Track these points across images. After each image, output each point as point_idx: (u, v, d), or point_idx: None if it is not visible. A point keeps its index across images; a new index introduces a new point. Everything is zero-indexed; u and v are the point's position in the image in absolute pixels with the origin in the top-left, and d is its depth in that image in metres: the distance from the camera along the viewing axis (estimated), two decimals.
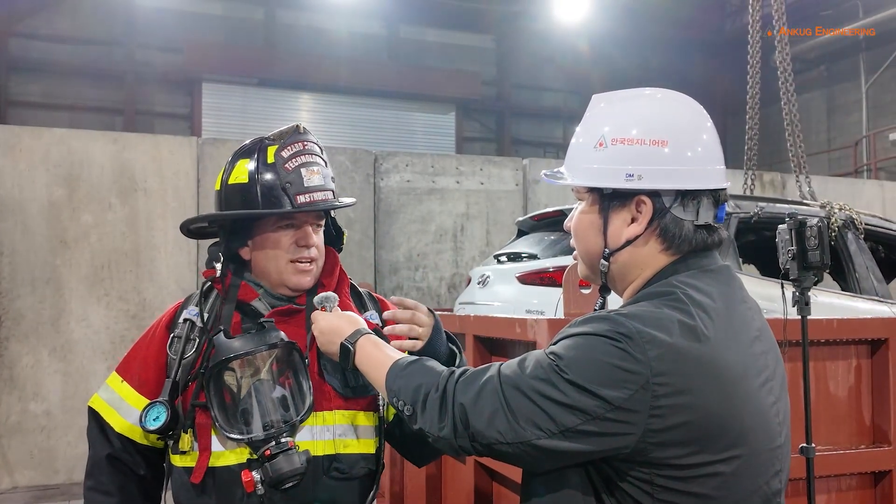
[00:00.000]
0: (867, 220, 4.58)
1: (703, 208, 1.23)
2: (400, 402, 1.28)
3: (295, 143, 1.60)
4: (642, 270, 1.26)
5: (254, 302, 1.61)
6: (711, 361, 1.12)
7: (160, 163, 6.06)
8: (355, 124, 15.25)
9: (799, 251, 2.55)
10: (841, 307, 4.05)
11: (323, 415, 1.56)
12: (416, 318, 1.57)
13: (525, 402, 1.13)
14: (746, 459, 1.13)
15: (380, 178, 6.78)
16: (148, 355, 1.64)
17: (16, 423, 5.56)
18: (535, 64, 17.32)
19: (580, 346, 1.13)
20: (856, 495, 2.80)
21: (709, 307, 1.16)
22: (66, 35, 13.73)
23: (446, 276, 6.91)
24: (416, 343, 1.55)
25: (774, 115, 6.70)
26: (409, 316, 1.57)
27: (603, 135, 1.25)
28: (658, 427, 1.08)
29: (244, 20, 15.15)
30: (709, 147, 1.25)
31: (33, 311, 5.65)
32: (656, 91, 1.31)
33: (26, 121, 12.63)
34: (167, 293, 5.94)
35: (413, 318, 1.56)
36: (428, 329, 1.57)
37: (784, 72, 5.61)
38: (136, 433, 1.61)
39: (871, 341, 2.87)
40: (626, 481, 1.13)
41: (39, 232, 5.71)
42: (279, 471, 1.44)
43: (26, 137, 5.77)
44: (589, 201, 1.29)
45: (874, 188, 8.96)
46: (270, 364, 1.53)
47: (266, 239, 1.60)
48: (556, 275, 3.97)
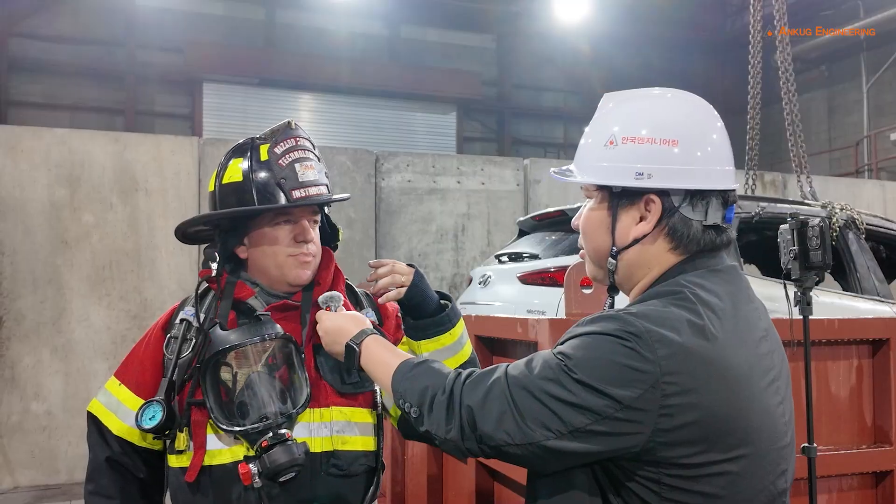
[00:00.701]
0: (868, 220, 4.59)
1: (712, 208, 1.23)
2: (406, 403, 1.27)
3: (287, 140, 1.60)
4: (650, 269, 1.26)
5: (250, 300, 1.61)
6: (719, 361, 1.12)
7: (161, 163, 6.06)
8: (356, 124, 15.26)
9: (801, 251, 2.56)
10: (842, 307, 4.06)
11: (320, 411, 1.56)
12: (395, 268, 1.60)
13: (533, 402, 1.12)
14: (753, 459, 1.13)
15: (381, 178, 6.78)
16: (145, 357, 1.64)
17: (17, 423, 5.57)
18: (536, 64, 17.33)
19: (589, 346, 1.12)
20: (857, 495, 2.81)
21: (716, 307, 1.16)
22: (67, 35, 13.74)
23: (447, 276, 6.91)
24: (401, 290, 1.57)
25: (775, 115, 6.70)
26: (388, 269, 1.59)
27: (613, 133, 1.24)
28: (667, 426, 1.08)
29: (245, 20, 15.16)
30: (718, 147, 1.25)
31: (34, 311, 5.65)
32: (666, 90, 1.30)
33: (27, 121, 12.63)
34: (168, 293, 5.95)
35: (393, 270, 1.59)
36: (409, 276, 1.59)
37: (785, 72, 5.61)
38: (134, 435, 1.61)
39: (872, 341, 2.87)
40: (634, 481, 1.12)
41: (41, 232, 5.72)
42: (276, 462, 1.43)
43: (27, 138, 5.77)
44: (598, 199, 1.29)
45: (875, 188, 8.96)
46: (266, 357, 1.52)
47: (263, 236, 1.60)
48: (557, 275, 3.97)
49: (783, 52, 5.61)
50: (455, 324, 1.64)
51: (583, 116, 17.56)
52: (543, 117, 17.71)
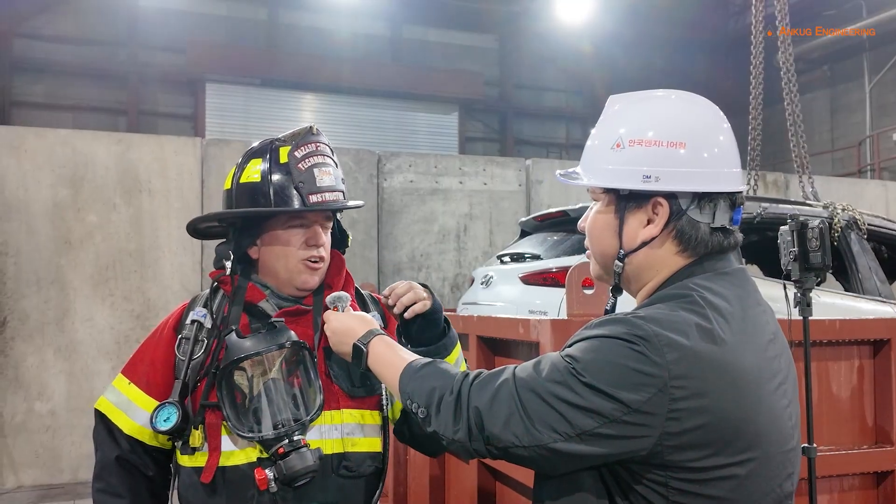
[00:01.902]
0: (870, 220, 4.59)
1: (720, 211, 1.23)
2: (414, 404, 1.27)
3: (308, 144, 1.61)
4: (657, 272, 1.25)
5: (261, 303, 1.62)
6: (728, 364, 1.12)
7: (164, 163, 6.07)
8: (358, 124, 15.26)
9: (801, 253, 2.56)
10: (844, 307, 4.06)
11: (331, 414, 1.58)
12: (413, 286, 1.60)
13: (541, 405, 1.12)
14: (760, 462, 1.13)
15: (383, 178, 6.80)
16: (155, 357, 1.64)
17: (21, 423, 5.59)
18: (538, 64, 17.34)
19: (597, 349, 1.12)
20: (858, 495, 2.81)
21: (724, 310, 1.16)
22: (70, 35, 13.77)
23: (449, 276, 6.92)
24: (426, 302, 1.58)
25: (777, 115, 6.69)
26: (406, 286, 1.60)
27: (620, 136, 1.24)
28: (675, 430, 1.08)
29: (247, 20, 15.18)
30: (725, 149, 1.25)
31: (38, 311, 5.67)
32: (671, 92, 1.30)
33: (30, 121, 12.67)
34: (171, 293, 5.96)
35: (412, 287, 1.60)
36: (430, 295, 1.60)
37: (787, 72, 5.60)
38: (144, 434, 1.62)
39: (873, 342, 2.87)
40: (642, 484, 1.13)
41: (44, 232, 5.73)
42: (293, 468, 1.46)
43: (31, 138, 5.79)
44: (605, 202, 1.29)
45: (877, 188, 8.96)
46: (281, 363, 1.54)
47: (276, 237, 1.61)
48: (559, 275, 3.98)
49: (785, 53, 5.61)
50: (451, 350, 1.65)
51: (585, 116, 17.57)
52: (545, 117, 17.72)
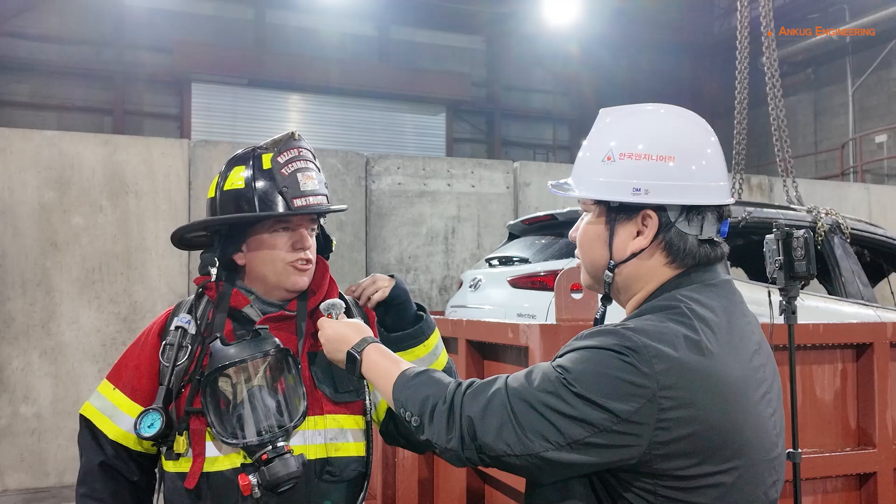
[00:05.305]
0: (853, 224, 4.65)
1: (707, 223, 1.26)
2: (407, 412, 1.29)
3: (291, 150, 1.64)
4: (646, 283, 1.28)
5: (245, 308, 1.63)
6: (715, 375, 1.15)
7: (151, 165, 6.05)
8: (345, 125, 15.25)
9: (786, 261, 2.60)
10: (827, 311, 4.11)
11: (314, 419, 1.59)
12: (376, 276, 1.73)
13: (533, 414, 1.15)
14: (746, 470, 1.16)
15: (371, 180, 6.80)
16: (140, 363, 1.66)
17: (6, 426, 5.54)
18: (525, 66, 17.38)
19: (588, 360, 1.15)
20: (841, 497, 2.85)
21: (711, 322, 1.19)
22: (55, 35, 13.65)
23: (437, 278, 6.93)
24: (386, 289, 1.69)
25: (762, 117, 6.75)
26: (370, 279, 1.73)
27: (610, 149, 1.27)
28: (663, 439, 1.11)
29: (234, 20, 15.12)
30: (713, 163, 1.28)
31: (24, 313, 5.63)
32: (660, 106, 1.33)
33: (14, 121, 12.56)
34: (158, 296, 5.94)
35: (375, 278, 1.73)
36: (390, 282, 1.71)
37: (772, 77, 5.65)
38: (129, 440, 1.63)
39: (856, 346, 2.92)
40: (630, 491, 1.15)
41: (30, 234, 5.69)
42: (276, 475, 1.47)
43: (17, 139, 5.74)
44: (595, 213, 1.32)
45: (860, 191, 9.06)
46: (265, 370, 1.55)
47: (262, 242, 1.63)
48: (547, 279, 4.00)
49: (769, 56, 5.65)
50: (429, 336, 1.72)
51: (572, 118, 17.64)
52: (532, 119, 17.76)
